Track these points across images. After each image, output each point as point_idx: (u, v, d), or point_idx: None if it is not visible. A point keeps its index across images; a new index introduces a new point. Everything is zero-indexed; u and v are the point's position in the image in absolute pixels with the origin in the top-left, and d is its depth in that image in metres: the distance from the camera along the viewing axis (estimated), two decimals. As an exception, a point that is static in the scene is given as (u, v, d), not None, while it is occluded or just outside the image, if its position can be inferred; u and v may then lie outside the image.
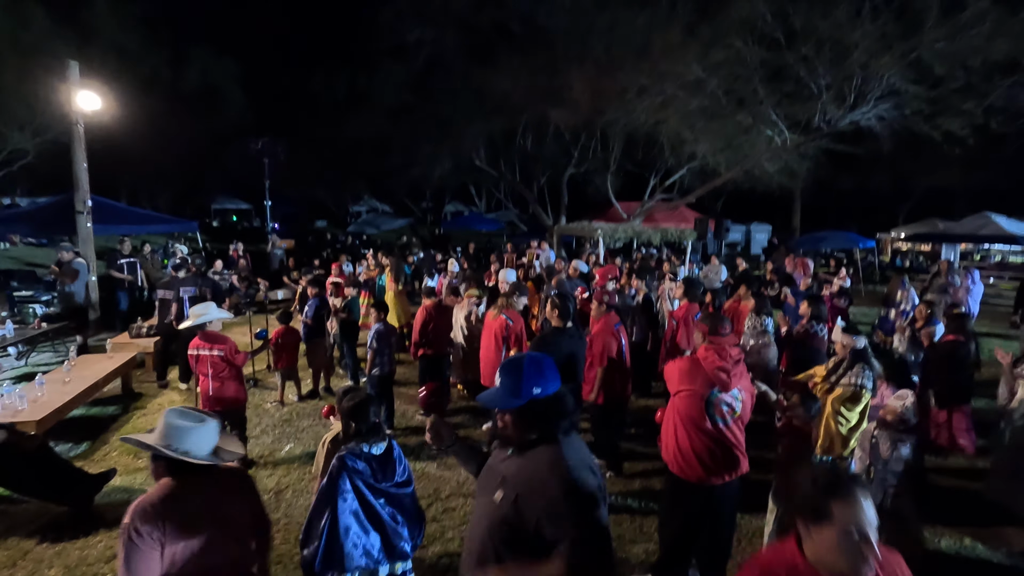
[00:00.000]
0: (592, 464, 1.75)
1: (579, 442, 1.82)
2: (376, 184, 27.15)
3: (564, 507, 1.59)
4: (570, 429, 1.80)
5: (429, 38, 16.46)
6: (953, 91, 11.59)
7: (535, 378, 1.77)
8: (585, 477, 1.66)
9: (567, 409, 1.79)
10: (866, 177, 25.01)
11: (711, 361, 3.13)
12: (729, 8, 12.29)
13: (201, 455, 2.04)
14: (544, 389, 1.77)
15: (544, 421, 1.76)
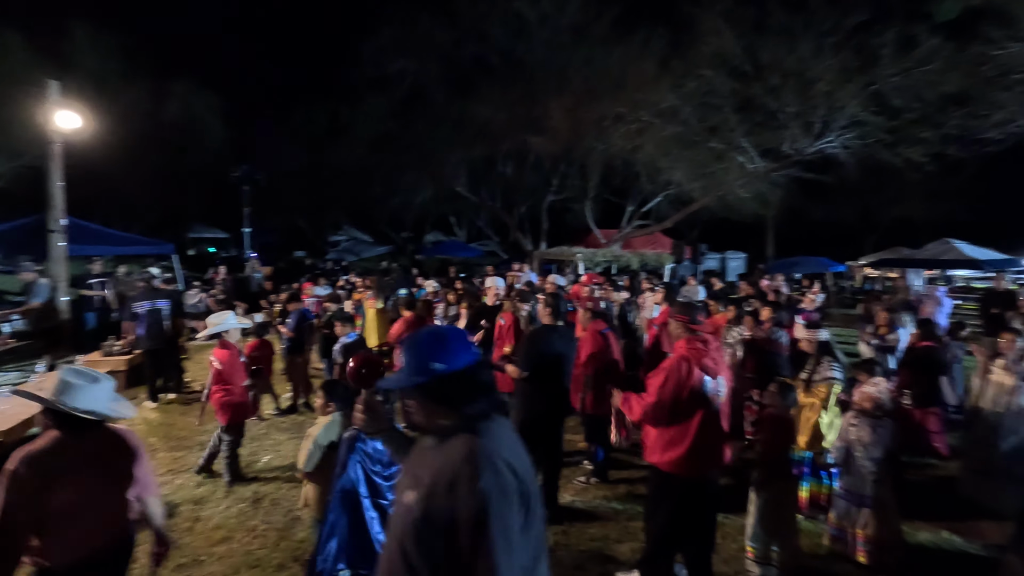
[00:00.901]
0: (513, 459, 1.45)
1: (505, 430, 1.56)
2: (356, 213, 27.25)
3: (471, 509, 1.35)
4: (490, 412, 1.54)
5: (411, 69, 16.91)
6: (911, 122, 12.27)
7: (437, 352, 1.52)
8: (499, 473, 1.39)
9: (480, 387, 1.54)
10: (836, 208, 26.06)
11: (698, 352, 3.18)
12: (700, 42, 12.93)
13: (89, 411, 2.17)
14: (449, 364, 1.51)
15: (452, 401, 1.51)
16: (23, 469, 2.06)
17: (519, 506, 1.40)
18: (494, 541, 1.32)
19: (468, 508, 1.34)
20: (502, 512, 1.35)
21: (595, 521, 4.17)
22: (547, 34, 16.06)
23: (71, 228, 9.33)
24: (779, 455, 3.62)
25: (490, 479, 1.37)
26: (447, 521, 1.36)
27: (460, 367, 1.52)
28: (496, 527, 1.33)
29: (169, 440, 5.66)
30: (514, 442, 1.54)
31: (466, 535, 1.34)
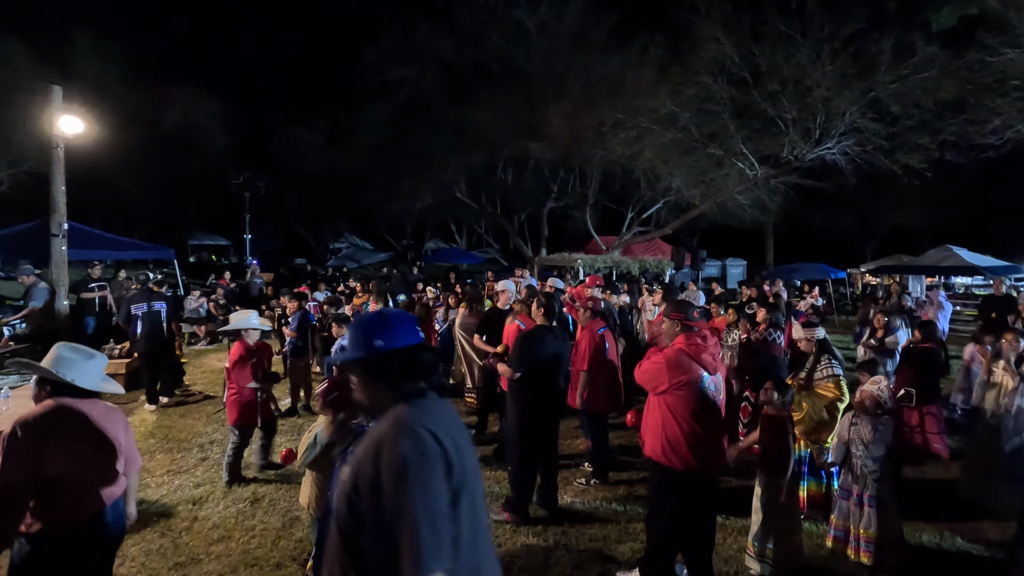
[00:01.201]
0: (439, 429, 1.45)
1: (438, 406, 1.57)
2: (357, 220, 27.31)
3: (391, 470, 1.36)
4: (425, 391, 1.57)
5: (411, 77, 16.99)
6: (909, 128, 12.33)
7: (379, 330, 1.58)
8: (418, 437, 1.40)
9: (418, 366, 1.57)
10: (835, 215, 26.13)
11: (697, 347, 3.19)
12: (698, 49, 13.02)
13: (84, 384, 2.38)
14: (389, 342, 1.57)
15: (390, 378, 1.54)
16: (20, 434, 2.18)
17: (444, 473, 1.40)
18: (413, 501, 1.32)
19: (389, 470, 1.36)
20: (421, 473, 1.36)
21: (595, 522, 4.14)
22: (546, 42, 16.17)
23: (72, 232, 9.35)
24: (778, 454, 3.60)
25: (408, 442, 1.39)
26: (373, 487, 1.38)
27: (400, 346, 1.57)
28: (415, 487, 1.34)
29: (168, 442, 5.64)
30: (447, 417, 1.56)
31: (389, 498, 1.35)
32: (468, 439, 1.59)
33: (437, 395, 1.60)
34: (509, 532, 3.96)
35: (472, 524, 1.47)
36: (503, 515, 4.12)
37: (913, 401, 5.29)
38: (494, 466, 5.04)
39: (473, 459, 1.55)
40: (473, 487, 1.50)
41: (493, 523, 4.05)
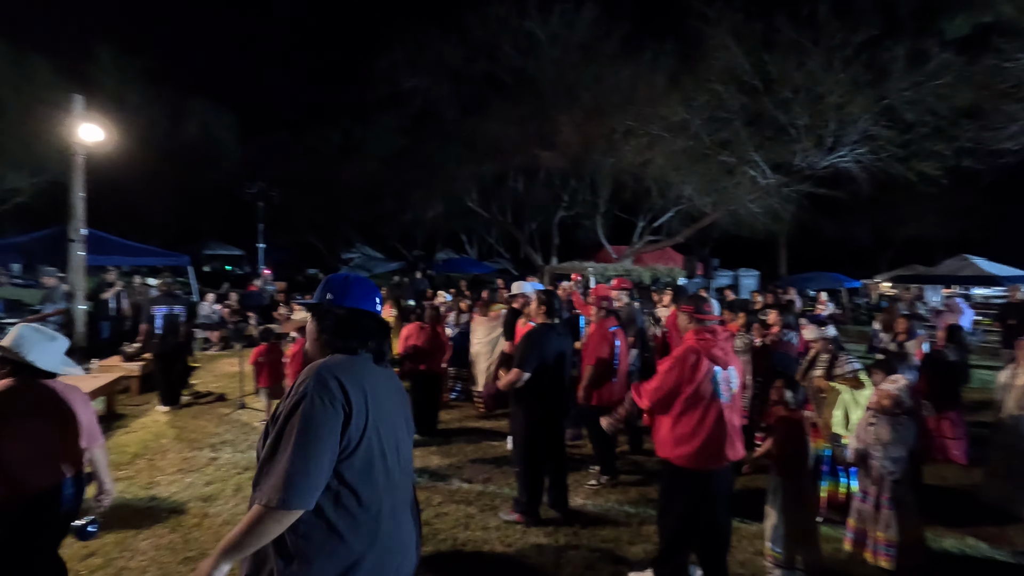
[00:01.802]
0: (350, 382, 1.52)
1: (368, 368, 1.65)
2: (368, 230, 27.50)
3: (289, 404, 1.48)
4: (358, 351, 1.67)
5: (422, 87, 17.19)
6: (924, 135, 12.20)
7: (335, 287, 1.74)
8: (323, 382, 1.49)
9: (358, 329, 1.69)
10: (849, 225, 25.88)
11: (706, 342, 3.16)
12: (709, 57, 13.03)
13: (43, 365, 2.46)
14: (337, 299, 1.72)
15: (330, 330, 1.69)
16: None
17: (338, 422, 1.47)
18: (296, 434, 1.42)
19: (289, 403, 1.49)
20: (312, 412, 1.45)
21: (606, 523, 4.08)
22: (557, 52, 16.29)
23: (89, 238, 9.50)
24: (793, 454, 3.53)
25: (312, 383, 1.49)
26: (277, 418, 1.51)
27: (346, 305, 1.71)
28: (302, 422, 1.43)
29: (180, 441, 5.67)
30: (373, 379, 1.63)
31: (280, 426, 1.47)
32: (400, 411, 1.73)
33: (372, 359, 1.70)
34: (519, 532, 3.91)
35: (372, 490, 1.54)
36: (513, 515, 4.07)
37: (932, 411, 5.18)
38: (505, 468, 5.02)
39: (393, 428, 1.65)
40: (386, 457, 1.59)
41: (504, 523, 4.01)
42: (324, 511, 1.47)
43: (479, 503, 4.35)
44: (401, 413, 1.75)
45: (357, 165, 19.32)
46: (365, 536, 1.53)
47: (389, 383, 1.74)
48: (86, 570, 3.40)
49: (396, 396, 1.76)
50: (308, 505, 1.43)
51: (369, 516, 1.54)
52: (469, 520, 4.07)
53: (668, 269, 15.60)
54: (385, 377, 1.73)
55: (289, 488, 1.39)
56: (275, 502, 1.38)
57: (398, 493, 1.66)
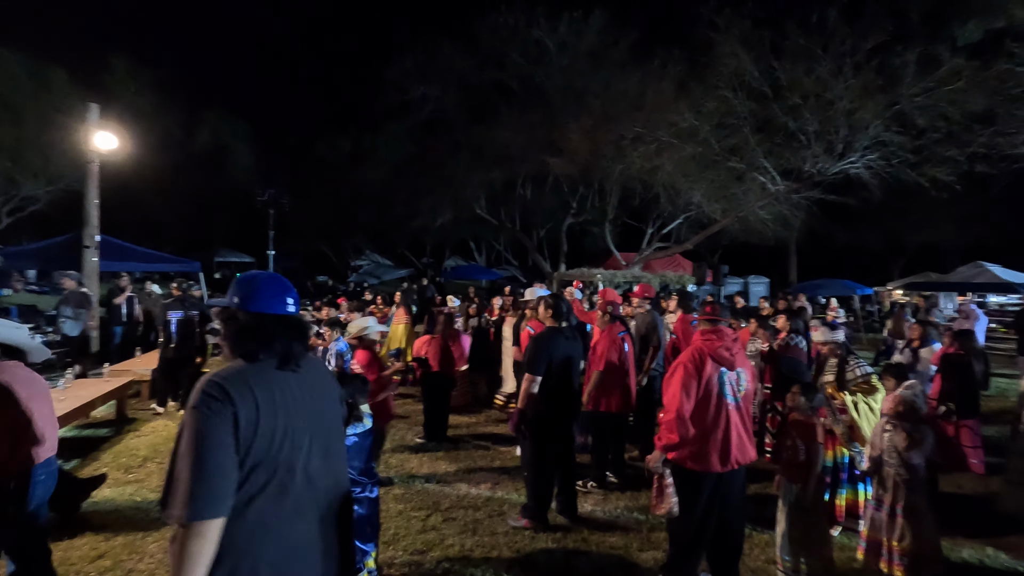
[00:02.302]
0: (236, 389, 1.50)
1: (268, 373, 1.59)
2: (378, 238, 27.67)
3: (184, 417, 1.50)
4: (258, 356, 1.61)
5: (432, 95, 17.31)
6: (936, 140, 12.07)
7: (242, 289, 1.70)
8: (208, 392, 1.48)
9: (259, 332, 1.63)
10: (861, 232, 25.63)
11: (711, 343, 3.13)
12: (717, 64, 13.01)
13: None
14: (242, 302, 1.67)
15: (233, 334, 1.65)
16: None
17: (229, 429, 1.45)
18: (188, 446, 1.43)
19: (185, 416, 1.49)
20: (201, 423, 1.44)
21: (616, 530, 4.03)
22: (566, 60, 16.37)
23: (102, 245, 9.64)
24: (805, 460, 3.47)
25: (198, 397, 1.48)
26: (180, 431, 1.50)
27: (250, 309, 1.66)
28: (193, 433, 1.44)
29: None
30: (261, 382, 1.57)
31: (178, 441, 1.48)
32: (313, 415, 1.65)
33: (276, 364, 1.62)
34: (528, 538, 3.87)
35: (269, 496, 1.51)
36: (521, 521, 4.03)
37: (954, 417, 5.09)
38: (514, 473, 5.00)
39: (298, 433, 1.58)
40: (286, 463, 1.54)
41: (512, 529, 3.98)
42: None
43: (487, 508, 4.32)
44: (316, 416, 1.67)
45: (367, 173, 19.47)
46: (259, 541, 1.49)
47: (303, 385, 1.67)
48: (95, 571, 3.40)
49: (310, 397, 1.68)
50: (220, 512, 1.41)
51: (264, 522, 1.50)
52: (477, 525, 4.04)
53: (677, 276, 15.53)
54: (300, 379, 1.67)
55: (194, 501, 1.38)
56: (185, 518, 1.38)
57: (304, 499, 1.60)
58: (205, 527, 1.39)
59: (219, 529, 1.42)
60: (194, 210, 24.87)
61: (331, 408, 1.78)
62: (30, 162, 16.09)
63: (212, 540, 1.40)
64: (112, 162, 10.40)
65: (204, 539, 1.39)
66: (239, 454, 1.46)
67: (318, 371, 1.80)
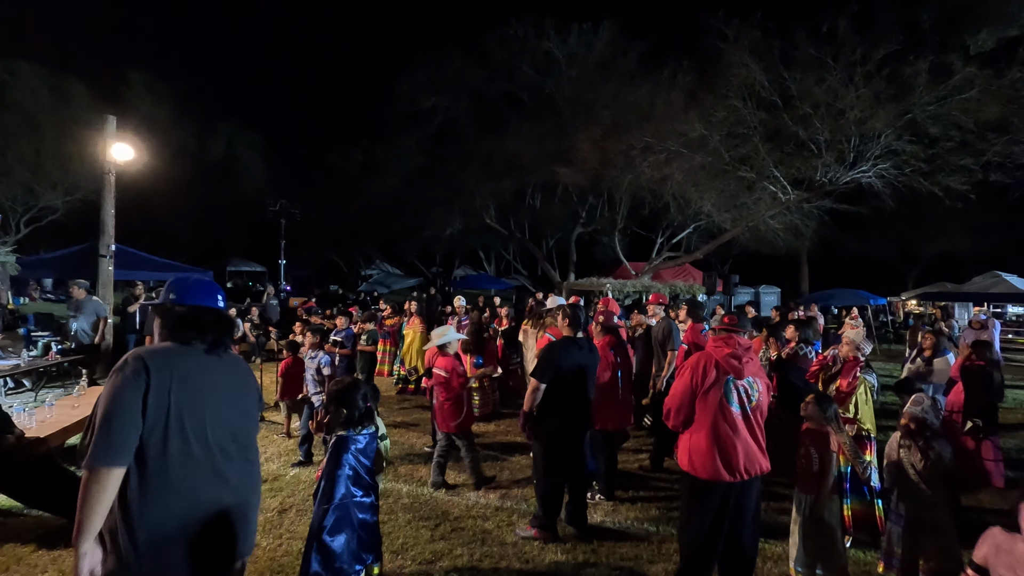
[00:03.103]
0: (157, 364, 1.73)
1: (195, 354, 1.86)
2: (388, 247, 27.84)
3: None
4: (191, 340, 1.87)
5: (443, 106, 17.46)
6: (949, 149, 11.96)
7: (178, 288, 1.96)
8: (128, 363, 1.71)
9: (195, 322, 1.90)
10: (874, 242, 25.40)
11: (720, 350, 3.11)
12: (727, 74, 13.01)
13: None
14: (179, 297, 1.94)
15: (170, 325, 1.90)
16: None
17: (139, 391, 1.67)
18: (102, 402, 1.66)
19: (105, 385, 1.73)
20: (116, 384, 1.67)
21: (626, 541, 3.99)
22: (575, 71, 16.47)
23: (117, 254, 9.77)
24: (819, 470, 3.42)
25: (120, 364, 1.72)
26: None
27: (187, 303, 1.93)
28: (107, 392, 1.67)
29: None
30: (184, 361, 1.82)
31: (95, 405, 1.69)
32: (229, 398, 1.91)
33: (207, 348, 1.90)
34: (537, 549, 3.84)
35: (186, 460, 1.74)
36: (530, 531, 4.00)
37: (981, 433, 4.99)
38: (523, 483, 4.97)
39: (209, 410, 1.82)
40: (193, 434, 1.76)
41: (521, 540, 3.95)
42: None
43: (496, 518, 4.30)
44: (232, 399, 1.92)
45: (377, 183, 19.63)
46: (164, 496, 1.70)
47: (224, 371, 1.94)
48: None
49: (229, 383, 1.94)
50: (117, 462, 1.62)
51: (169, 480, 1.70)
52: (486, 536, 4.02)
53: (687, 285, 15.43)
54: (223, 366, 1.94)
55: (97, 449, 1.60)
56: (88, 464, 1.59)
57: (214, 469, 1.81)
58: (102, 474, 1.59)
59: (116, 478, 1.62)
60: (207, 220, 25.18)
61: (248, 396, 2.04)
62: (49, 173, 16.41)
63: (108, 486, 1.60)
64: (128, 173, 10.59)
65: (100, 485, 1.59)
66: (146, 418, 1.67)
67: (239, 365, 2.07)
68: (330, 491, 2.67)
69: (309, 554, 2.66)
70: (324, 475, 2.75)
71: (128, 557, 1.65)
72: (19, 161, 15.80)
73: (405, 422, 7.07)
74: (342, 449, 2.68)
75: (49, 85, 16.42)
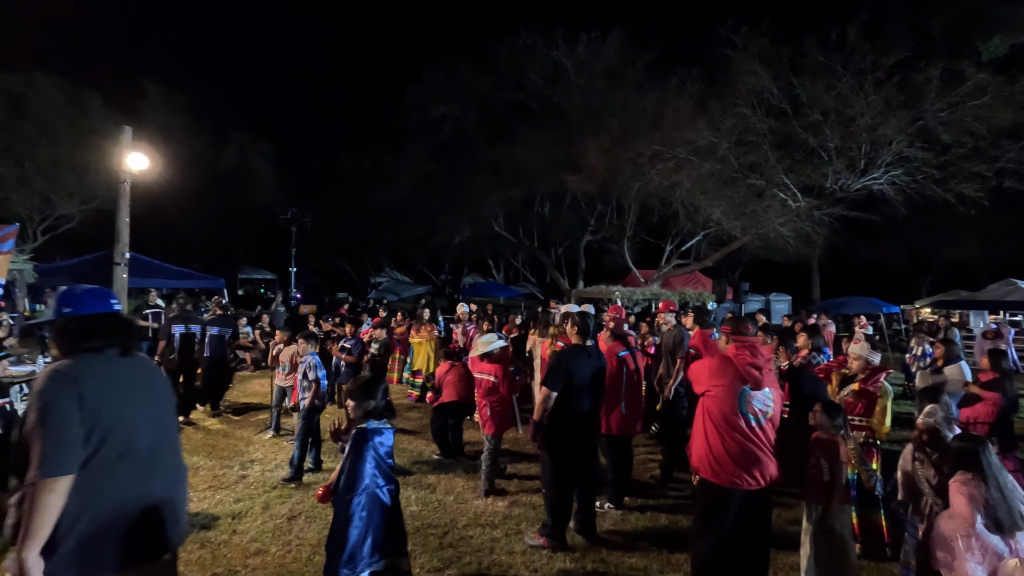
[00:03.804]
0: (87, 375, 1.80)
1: (109, 361, 1.90)
2: (397, 255, 27.98)
3: (32, 396, 1.76)
4: (103, 348, 1.91)
5: (451, 115, 17.59)
6: (962, 156, 11.86)
7: (68, 301, 1.96)
8: (54, 375, 1.76)
9: (99, 329, 1.93)
10: (886, 249, 25.17)
11: (743, 358, 3.10)
12: (735, 82, 13.00)
13: None
14: (76, 309, 1.95)
15: (72, 336, 1.92)
16: None
17: (75, 402, 1.74)
18: (40, 416, 1.71)
19: (32, 395, 1.77)
20: (49, 396, 1.73)
21: (635, 551, 3.97)
22: (584, 80, 16.54)
23: (132, 262, 9.91)
24: (830, 480, 3.39)
25: (49, 375, 1.77)
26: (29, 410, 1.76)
27: (83, 313, 1.95)
28: (43, 405, 1.72)
29: (211, 458, 5.77)
30: (115, 368, 1.91)
31: (28, 415, 1.74)
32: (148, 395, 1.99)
33: (118, 352, 1.95)
34: (545, 558, 3.83)
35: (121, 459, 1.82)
36: (539, 540, 3.99)
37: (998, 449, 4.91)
38: (532, 491, 4.96)
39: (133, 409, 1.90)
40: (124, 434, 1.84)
41: (529, 548, 3.93)
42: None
43: (504, 527, 4.29)
44: (151, 398, 2.00)
45: (387, 191, 19.79)
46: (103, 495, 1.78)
47: (139, 372, 2.00)
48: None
49: (146, 384, 2.01)
50: (70, 470, 1.69)
51: (107, 480, 1.79)
52: (494, 544, 4.01)
53: (697, 293, 15.38)
54: (137, 368, 2.00)
55: (48, 460, 1.66)
56: (38, 476, 1.64)
57: (145, 465, 1.89)
58: (56, 483, 1.67)
59: (67, 485, 1.69)
60: (220, 228, 25.48)
61: (163, 393, 2.11)
62: (66, 182, 16.68)
63: (61, 494, 1.68)
64: (143, 182, 10.75)
65: (55, 493, 1.67)
66: (84, 425, 1.74)
67: (149, 364, 2.15)
68: (352, 481, 2.57)
69: (335, 546, 2.53)
70: (345, 467, 2.68)
71: (62, 555, 1.72)
72: (37, 171, 16.10)
73: (414, 429, 7.09)
74: (364, 440, 2.65)
75: (67, 96, 16.74)
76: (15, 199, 16.11)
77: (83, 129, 16.32)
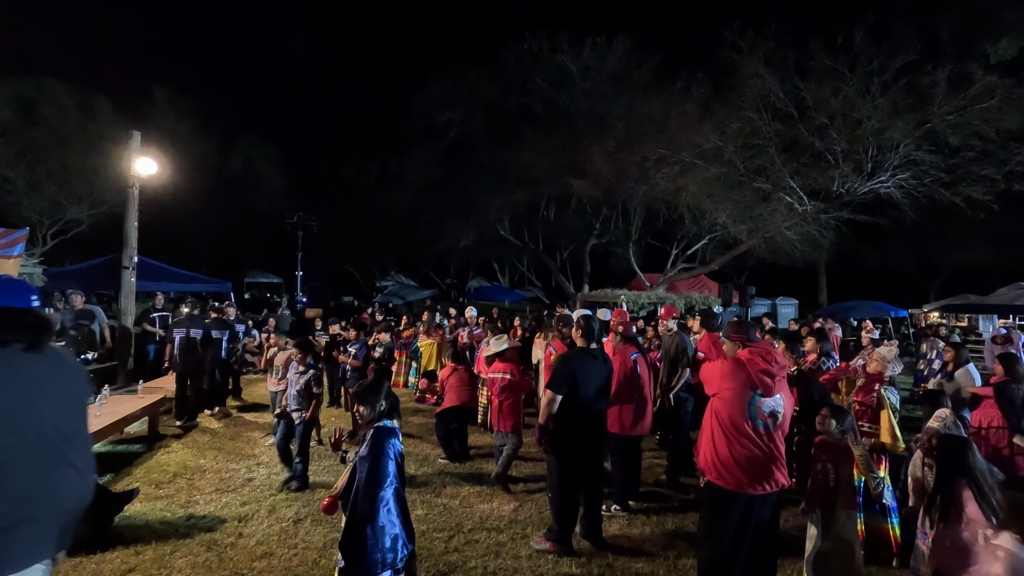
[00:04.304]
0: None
1: (14, 355, 1.88)
2: (403, 259, 28.06)
3: None
4: (10, 343, 1.90)
5: (458, 119, 17.64)
6: (970, 159, 11.78)
7: None
8: None
9: (11, 322, 1.93)
10: (893, 253, 25.02)
11: (756, 363, 3.08)
12: (741, 85, 12.98)
13: None
14: None
15: None
16: None
17: None
18: None
19: None
20: None
21: (642, 556, 3.95)
22: (589, 84, 16.57)
23: (140, 265, 9.99)
24: (836, 485, 3.36)
25: None
26: None
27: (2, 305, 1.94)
28: None
29: (218, 461, 5.78)
30: (16, 363, 1.89)
31: None
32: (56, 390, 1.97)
33: (25, 347, 1.93)
34: (551, 563, 3.81)
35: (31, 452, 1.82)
36: (544, 544, 3.98)
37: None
38: (537, 495, 4.95)
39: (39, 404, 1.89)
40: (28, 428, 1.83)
41: (535, 553, 3.92)
42: None
43: (510, 531, 4.28)
44: (63, 390, 1.99)
45: (393, 195, 19.83)
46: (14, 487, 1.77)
47: (50, 365, 1.98)
48: (125, 585, 3.45)
49: (57, 376, 2.00)
50: None
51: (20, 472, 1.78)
52: (500, 548, 4.00)
53: (703, 297, 15.32)
54: (48, 361, 1.98)
55: None
56: None
57: (56, 457, 1.89)
58: None
59: None
60: (227, 232, 25.59)
61: (77, 384, 2.10)
62: (75, 187, 16.86)
63: None
64: (151, 186, 10.84)
65: None
66: None
67: (64, 358, 2.12)
68: (375, 477, 2.54)
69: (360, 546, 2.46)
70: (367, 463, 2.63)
71: None
72: (47, 176, 16.28)
73: (418, 434, 7.09)
74: (384, 437, 2.65)
75: (76, 102, 16.93)
76: (26, 204, 16.30)
77: (93, 134, 16.50)
